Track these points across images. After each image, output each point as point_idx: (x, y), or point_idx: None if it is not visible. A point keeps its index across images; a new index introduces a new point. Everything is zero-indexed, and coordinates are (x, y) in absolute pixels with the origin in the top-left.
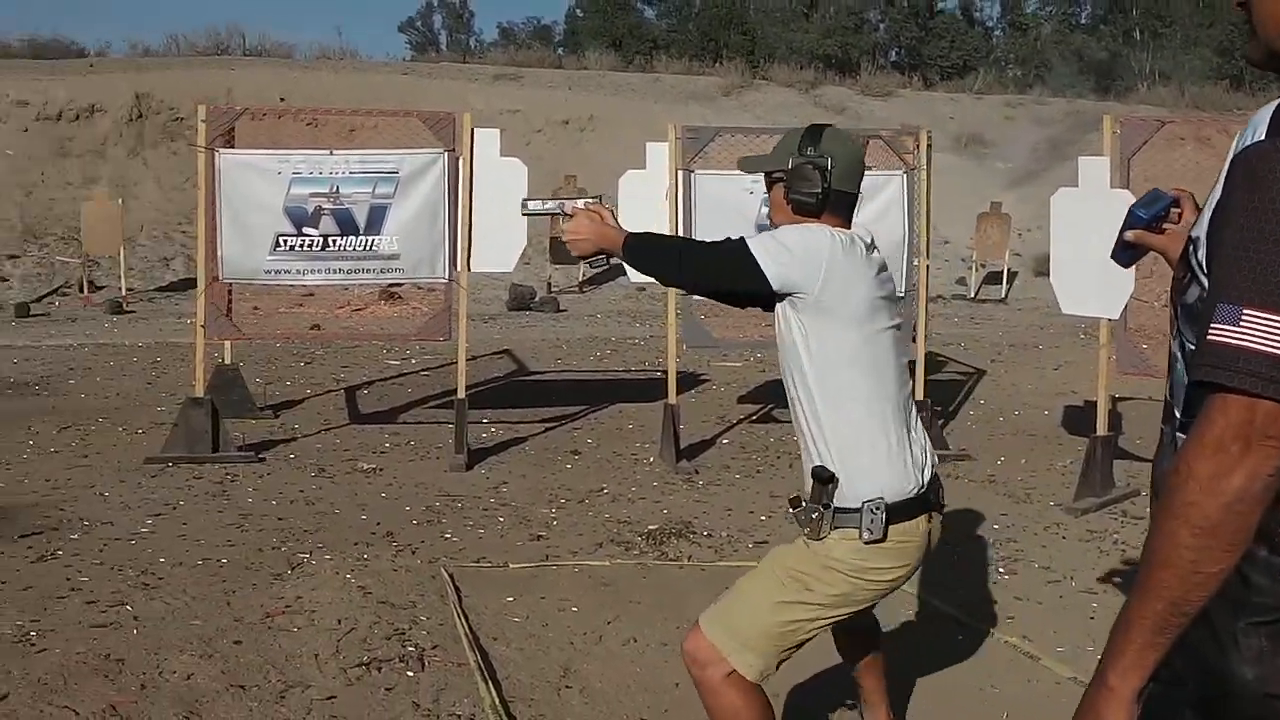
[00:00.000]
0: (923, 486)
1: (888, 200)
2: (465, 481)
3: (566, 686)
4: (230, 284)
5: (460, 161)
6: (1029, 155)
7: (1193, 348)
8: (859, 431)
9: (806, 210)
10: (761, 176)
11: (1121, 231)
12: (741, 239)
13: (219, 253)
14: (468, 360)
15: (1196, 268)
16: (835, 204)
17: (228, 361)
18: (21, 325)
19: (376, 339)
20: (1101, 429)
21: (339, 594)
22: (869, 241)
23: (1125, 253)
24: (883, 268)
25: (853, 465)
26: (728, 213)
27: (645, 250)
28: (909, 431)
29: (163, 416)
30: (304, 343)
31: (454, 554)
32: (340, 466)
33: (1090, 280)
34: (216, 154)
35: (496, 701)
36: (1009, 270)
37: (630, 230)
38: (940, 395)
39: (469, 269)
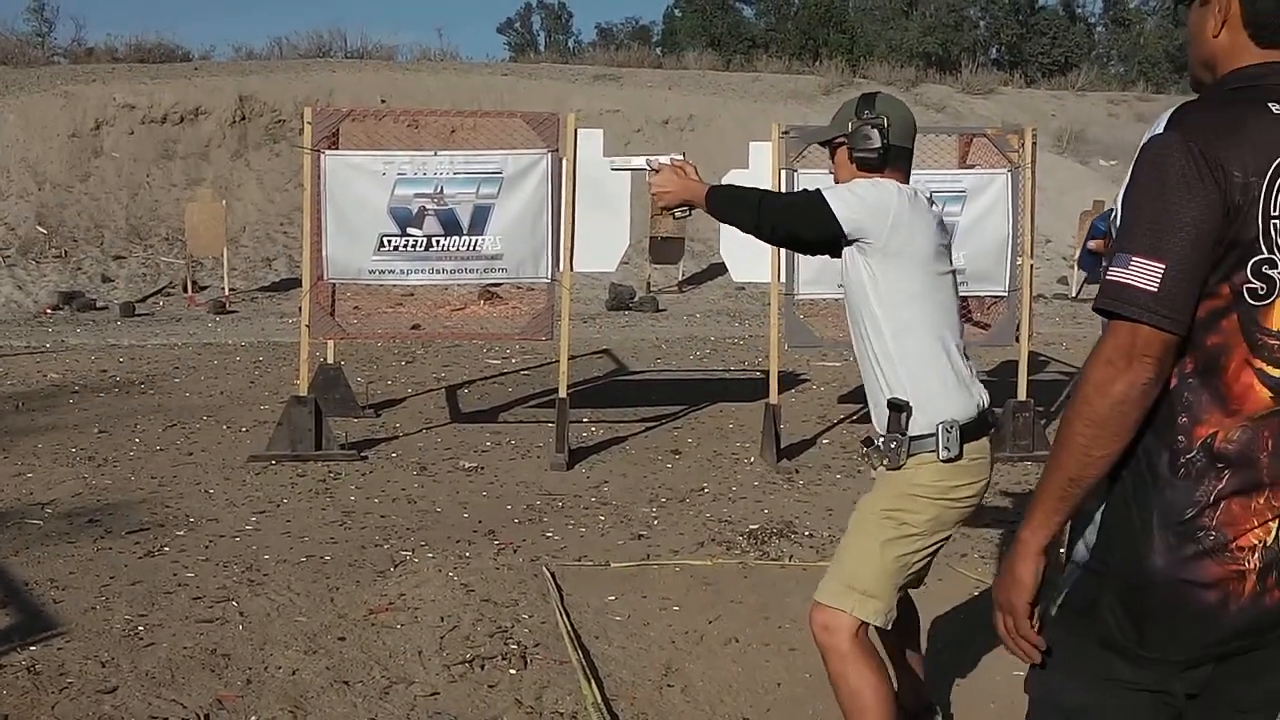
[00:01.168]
0: (983, 407)
1: (992, 199)
2: (566, 480)
3: (668, 685)
4: (334, 284)
5: (564, 162)
6: (1132, 153)
7: None
8: (925, 361)
9: (870, 166)
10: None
11: (1085, 242)
12: (817, 189)
13: (324, 253)
14: (568, 360)
15: (1110, 230)
16: (895, 159)
17: (330, 361)
18: (127, 324)
19: (478, 338)
20: None
21: (442, 591)
22: (929, 196)
23: (1089, 259)
24: (940, 220)
25: (924, 392)
26: None
27: (727, 199)
28: (967, 364)
29: (266, 415)
30: (405, 342)
31: (555, 552)
32: (442, 465)
33: None
34: (322, 155)
35: (599, 699)
36: None
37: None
38: (1042, 395)
39: (572, 269)
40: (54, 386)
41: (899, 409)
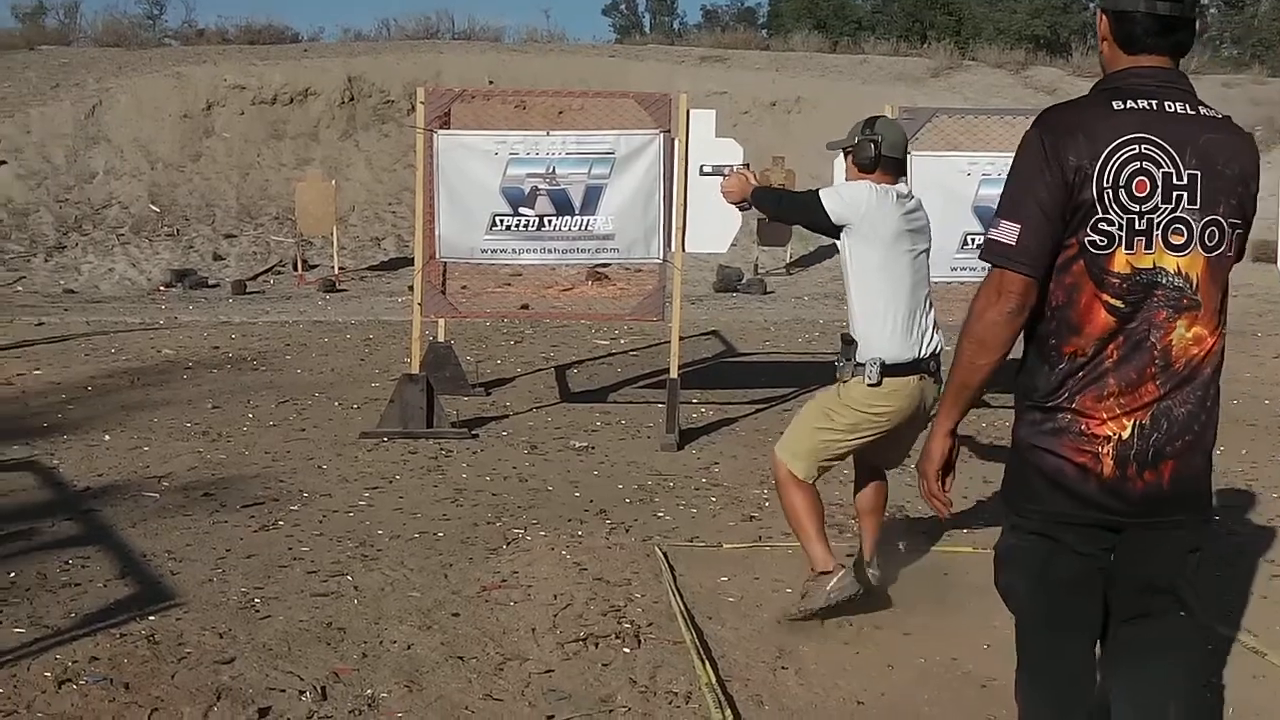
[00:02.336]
0: (919, 358)
1: None
2: (677, 461)
3: (782, 667)
4: (445, 263)
5: (676, 142)
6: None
7: None
8: (873, 314)
9: (865, 169)
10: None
11: None
12: (818, 190)
13: (436, 232)
14: (678, 341)
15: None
16: (885, 166)
17: (441, 339)
18: (238, 302)
19: (589, 319)
20: None
21: (554, 570)
22: (905, 194)
23: None
24: (912, 210)
25: (866, 334)
26: (945, 193)
27: (762, 196)
28: (916, 322)
29: (376, 392)
30: (514, 322)
31: (667, 533)
32: (552, 444)
33: None
34: (435, 135)
35: (714, 680)
36: None
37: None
38: None
39: (683, 249)
40: (168, 362)
41: (847, 342)
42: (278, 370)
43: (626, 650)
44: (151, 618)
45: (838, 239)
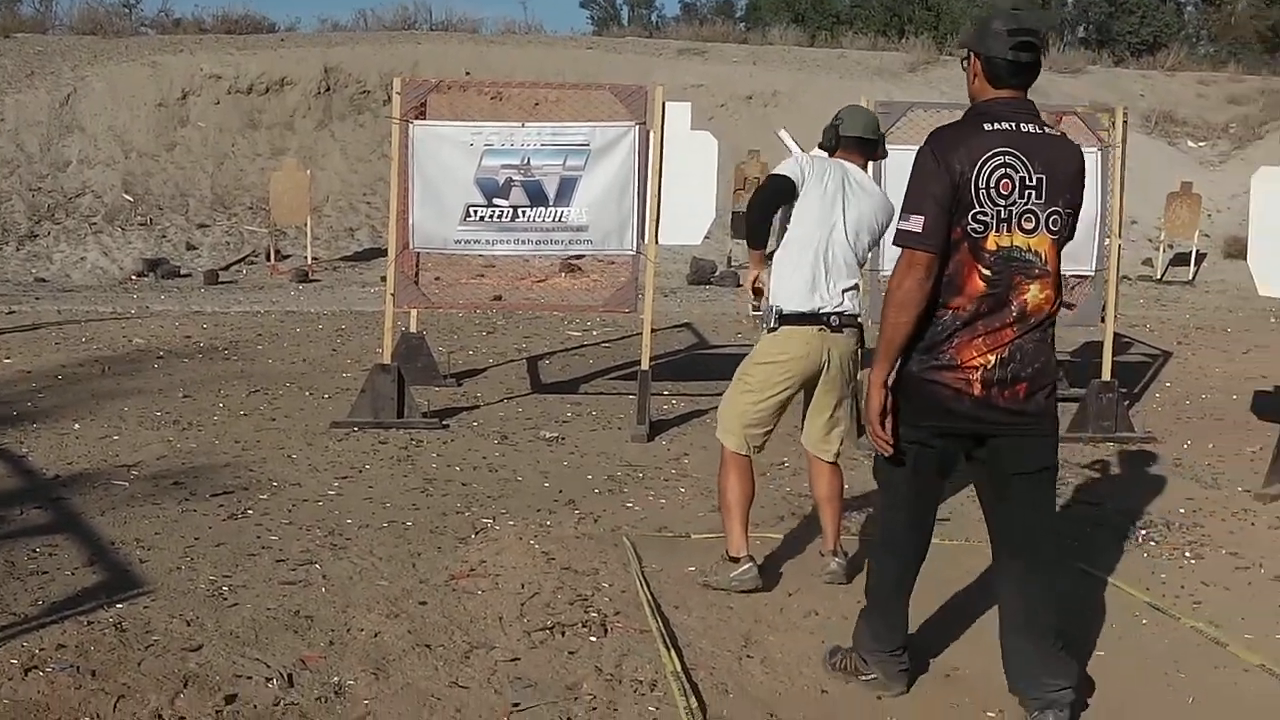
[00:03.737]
0: (818, 311)
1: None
2: (647, 452)
3: (748, 656)
4: (418, 253)
5: (651, 135)
6: (1222, 134)
7: None
8: (781, 266)
9: (828, 149)
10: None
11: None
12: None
13: (410, 222)
14: (650, 333)
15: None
16: (845, 146)
17: (413, 330)
18: (211, 292)
19: (561, 310)
20: None
21: (522, 559)
22: (860, 177)
23: None
24: (858, 191)
25: (773, 286)
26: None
27: (747, 227)
28: (822, 282)
29: (348, 383)
30: (486, 313)
31: (636, 523)
32: (523, 435)
33: None
34: (410, 125)
35: (679, 668)
36: (1197, 252)
37: None
38: (1126, 376)
39: (657, 242)
40: (139, 351)
41: (756, 294)
42: (249, 360)
43: (593, 639)
44: (119, 605)
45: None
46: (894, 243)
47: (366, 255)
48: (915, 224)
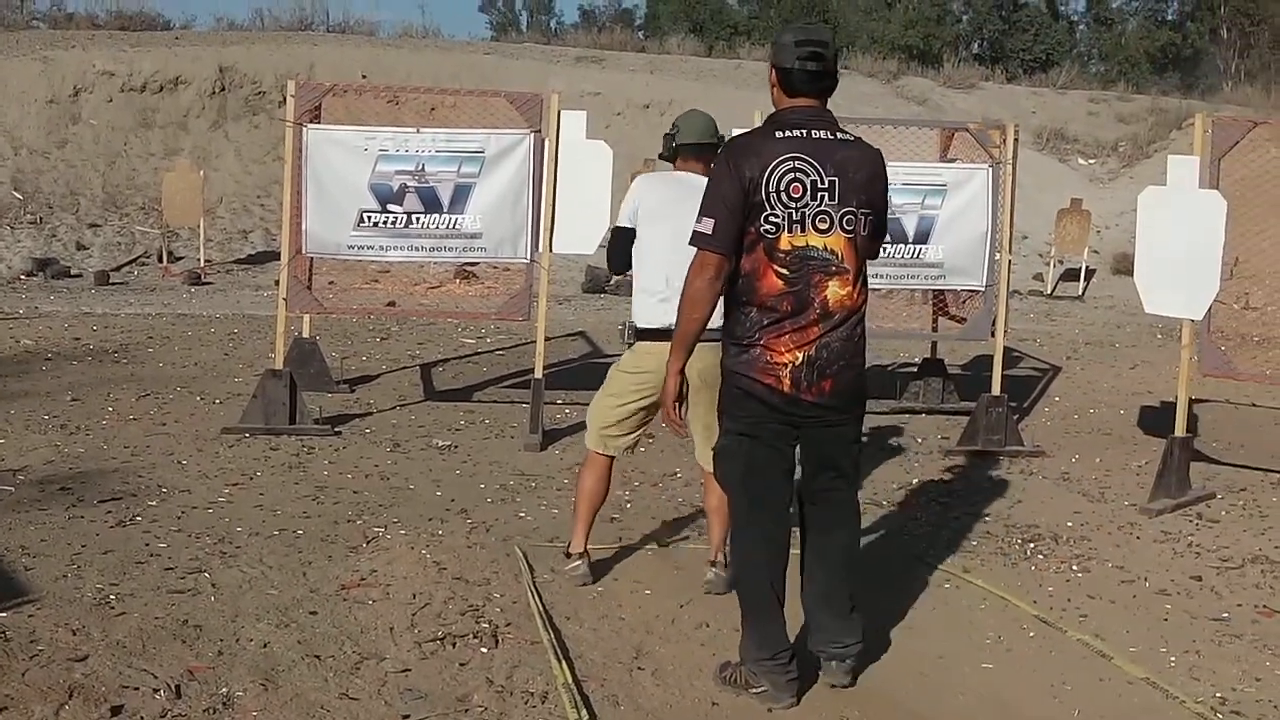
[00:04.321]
0: (669, 327)
1: (972, 193)
2: (540, 461)
3: (639, 668)
4: (311, 258)
5: (546, 143)
6: (1111, 151)
7: None
8: (639, 285)
9: (669, 159)
10: None
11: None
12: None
13: (303, 227)
14: (544, 341)
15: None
16: (683, 154)
17: (306, 335)
18: (101, 293)
19: (455, 317)
20: (1180, 430)
21: (414, 569)
22: (680, 182)
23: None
24: (669, 201)
25: (633, 304)
26: None
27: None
28: (668, 295)
29: (240, 387)
30: (380, 319)
31: (528, 533)
32: (415, 443)
33: (1175, 280)
34: (304, 129)
35: (570, 680)
36: (1087, 268)
37: None
38: (1016, 391)
39: (551, 250)
40: (27, 353)
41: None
42: (140, 363)
43: (484, 650)
44: (3, 614)
45: None
46: (689, 243)
47: (260, 258)
48: (706, 226)
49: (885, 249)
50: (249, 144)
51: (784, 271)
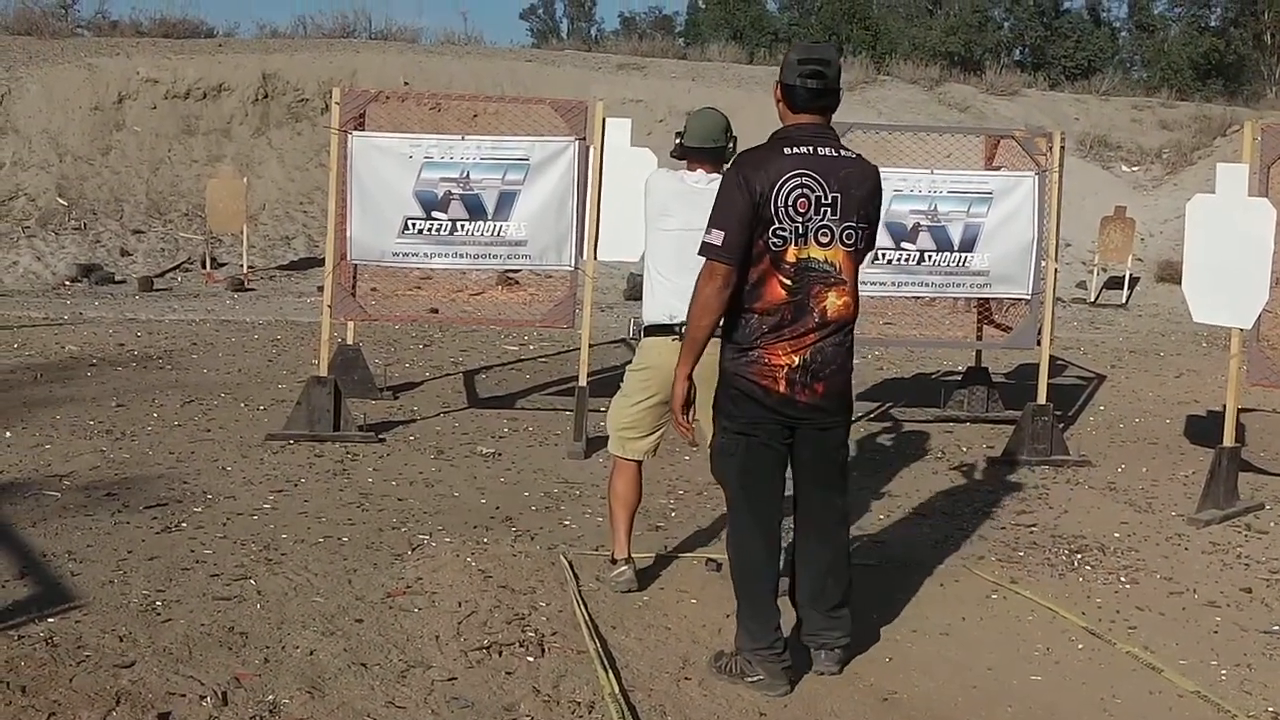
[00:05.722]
0: (671, 324)
1: (1018, 201)
2: (584, 469)
3: (686, 678)
4: (356, 265)
5: (591, 150)
6: (1155, 159)
7: None
8: (647, 285)
9: (681, 159)
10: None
11: None
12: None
13: (348, 233)
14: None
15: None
16: (692, 155)
17: (350, 342)
18: (145, 299)
19: (500, 324)
20: (1228, 440)
21: (459, 577)
22: (700, 179)
23: None
24: (671, 199)
25: (645, 299)
26: None
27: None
28: (670, 292)
29: (283, 394)
30: (423, 326)
31: (573, 541)
32: (459, 450)
33: (1224, 288)
34: (349, 136)
35: (617, 690)
36: (1130, 276)
37: None
38: (1060, 400)
39: (595, 257)
40: (71, 359)
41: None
42: (184, 369)
43: (530, 659)
44: (50, 620)
45: None
46: (698, 253)
47: (302, 265)
48: (716, 237)
49: (930, 256)
50: (291, 151)
51: (787, 282)
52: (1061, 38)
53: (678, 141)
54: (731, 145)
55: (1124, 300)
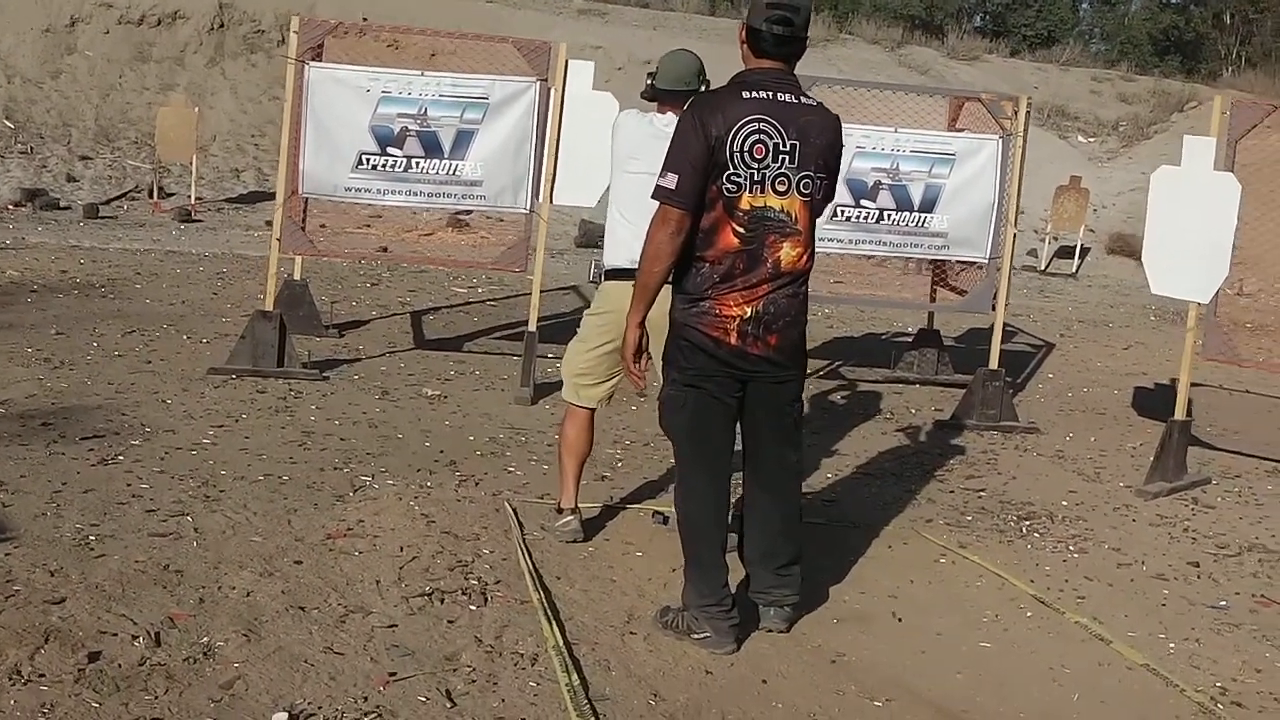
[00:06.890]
0: (631, 264)
1: (980, 165)
2: (530, 415)
3: (631, 633)
4: (307, 199)
5: (553, 92)
6: (1112, 130)
7: None
8: (609, 228)
9: (649, 99)
10: None
11: None
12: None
13: (300, 167)
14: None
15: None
16: (662, 96)
17: (297, 277)
18: (90, 226)
19: (451, 265)
20: (1180, 413)
21: (402, 520)
22: (651, 122)
23: None
24: (662, 136)
25: (605, 245)
26: None
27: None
28: (634, 238)
29: (227, 328)
30: (371, 264)
31: (518, 488)
32: (405, 391)
33: (1184, 262)
34: (307, 67)
35: (561, 643)
36: (1082, 246)
37: None
38: (1010, 366)
39: (551, 202)
40: (12, 284)
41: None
42: (127, 299)
43: (473, 608)
44: None
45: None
46: (651, 196)
47: (251, 198)
48: (670, 181)
49: (889, 215)
50: (245, 82)
51: (741, 230)
52: (1023, 6)
53: (649, 83)
54: (704, 89)
55: (1074, 270)
